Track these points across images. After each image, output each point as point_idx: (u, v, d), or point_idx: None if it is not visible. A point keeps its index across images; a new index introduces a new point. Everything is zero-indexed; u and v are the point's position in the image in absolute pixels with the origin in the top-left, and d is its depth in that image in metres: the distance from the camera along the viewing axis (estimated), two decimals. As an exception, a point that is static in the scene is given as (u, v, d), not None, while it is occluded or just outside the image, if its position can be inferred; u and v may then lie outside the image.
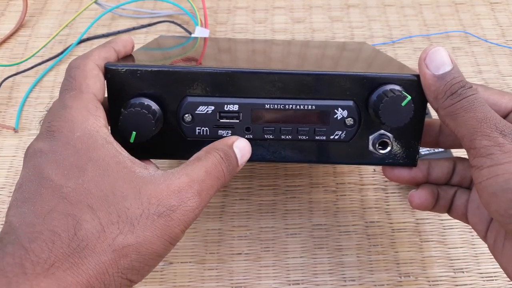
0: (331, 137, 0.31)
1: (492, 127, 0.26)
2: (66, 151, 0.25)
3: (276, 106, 0.30)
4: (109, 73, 0.29)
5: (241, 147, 0.30)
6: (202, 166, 0.27)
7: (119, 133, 0.29)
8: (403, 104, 0.29)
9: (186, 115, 0.30)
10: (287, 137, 0.31)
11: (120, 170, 0.26)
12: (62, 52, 0.55)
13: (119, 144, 0.27)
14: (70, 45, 0.55)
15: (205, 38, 0.50)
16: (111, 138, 0.27)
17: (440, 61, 0.29)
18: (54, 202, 0.24)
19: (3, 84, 0.52)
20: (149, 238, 0.24)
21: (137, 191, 0.25)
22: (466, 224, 0.42)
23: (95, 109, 0.27)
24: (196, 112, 0.30)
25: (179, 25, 0.58)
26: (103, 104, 0.29)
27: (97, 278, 0.23)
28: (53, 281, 0.22)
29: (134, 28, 0.58)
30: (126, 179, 0.25)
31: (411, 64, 0.55)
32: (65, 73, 0.28)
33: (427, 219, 0.43)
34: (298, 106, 0.30)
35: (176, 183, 0.26)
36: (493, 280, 0.39)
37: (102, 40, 0.57)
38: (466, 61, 0.55)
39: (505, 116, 0.29)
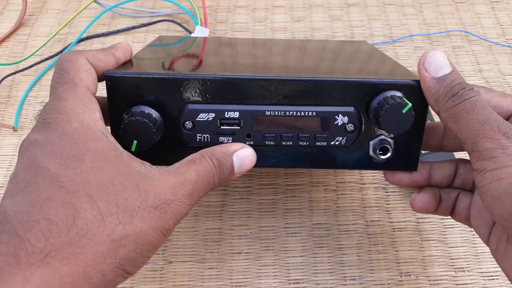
0: (332, 143, 0.31)
1: (495, 129, 0.26)
2: (63, 141, 0.25)
3: (276, 112, 0.30)
4: (109, 80, 0.29)
5: (243, 157, 0.30)
6: (195, 169, 0.28)
7: (120, 141, 0.29)
8: (403, 111, 0.29)
9: (187, 122, 0.30)
10: (288, 143, 0.31)
11: (119, 163, 0.26)
12: (61, 51, 0.55)
13: (115, 139, 0.27)
14: (70, 44, 0.55)
15: (204, 39, 0.50)
16: (108, 132, 0.27)
17: (439, 64, 0.29)
18: (51, 191, 0.23)
19: (2, 83, 0.52)
20: (146, 229, 0.25)
21: (135, 184, 0.25)
22: (467, 224, 0.43)
23: (90, 103, 0.27)
24: (197, 119, 0.30)
25: (179, 24, 0.58)
26: (99, 103, 0.29)
27: (95, 268, 0.23)
28: (47, 271, 0.21)
29: (133, 27, 0.58)
30: (124, 172, 0.26)
31: (412, 63, 0.54)
32: (56, 66, 0.28)
33: (427, 218, 0.43)
34: (298, 113, 0.30)
35: (172, 181, 0.26)
36: (494, 279, 0.39)
37: (102, 39, 0.57)
38: (467, 60, 0.55)
39: (507, 118, 0.29)
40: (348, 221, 0.43)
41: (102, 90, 0.29)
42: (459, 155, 0.43)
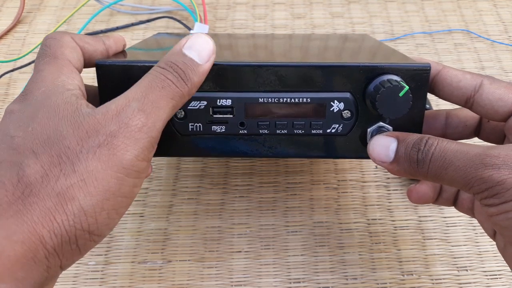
0: (328, 130, 0.31)
1: (480, 167, 0.24)
2: (28, 106, 0.25)
3: (270, 99, 0.30)
4: (99, 69, 0.29)
5: (194, 46, 0.26)
6: (140, 83, 0.25)
7: None
8: (400, 94, 0.28)
9: (178, 111, 0.30)
10: (282, 131, 0.31)
11: (67, 109, 0.24)
12: (59, 48, 0.54)
13: (84, 99, 0.26)
14: (68, 41, 0.55)
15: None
16: (77, 91, 0.26)
17: (384, 147, 0.28)
18: (6, 154, 0.23)
19: (0, 80, 0.51)
20: (95, 173, 0.22)
21: (76, 127, 0.23)
22: (470, 222, 0.42)
23: (70, 72, 0.26)
24: (189, 107, 0.30)
25: (178, 21, 0.57)
26: (91, 91, 0.28)
27: (44, 226, 0.22)
28: None
29: (132, 24, 0.57)
30: (69, 117, 0.24)
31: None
32: (41, 44, 0.28)
33: (430, 216, 0.42)
34: (292, 99, 0.30)
35: (113, 108, 0.23)
36: (497, 278, 0.39)
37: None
38: (469, 57, 0.54)
39: (511, 112, 0.28)
40: (350, 220, 0.42)
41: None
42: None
